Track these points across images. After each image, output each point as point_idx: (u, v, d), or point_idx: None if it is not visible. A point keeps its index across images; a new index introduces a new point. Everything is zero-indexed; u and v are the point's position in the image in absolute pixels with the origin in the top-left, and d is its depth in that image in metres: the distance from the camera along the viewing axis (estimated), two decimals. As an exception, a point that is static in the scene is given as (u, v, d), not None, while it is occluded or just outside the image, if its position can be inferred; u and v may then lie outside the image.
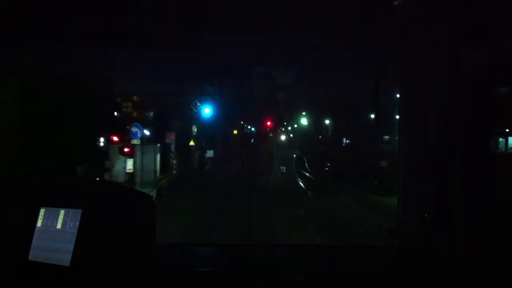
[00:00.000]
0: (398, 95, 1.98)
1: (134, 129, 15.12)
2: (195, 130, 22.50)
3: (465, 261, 1.66)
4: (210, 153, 23.49)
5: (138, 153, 15.24)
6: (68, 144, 13.45)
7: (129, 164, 15.11)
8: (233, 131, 31.39)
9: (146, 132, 16.32)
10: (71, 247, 1.27)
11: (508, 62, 1.61)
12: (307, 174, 20.24)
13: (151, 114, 17.43)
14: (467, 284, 1.64)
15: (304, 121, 28.56)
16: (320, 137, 28.85)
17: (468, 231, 1.65)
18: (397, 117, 1.99)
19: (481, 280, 1.61)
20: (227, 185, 16.29)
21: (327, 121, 27.60)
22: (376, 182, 14.82)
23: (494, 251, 1.62)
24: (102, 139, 17.96)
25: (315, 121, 27.94)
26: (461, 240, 1.67)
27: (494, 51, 1.59)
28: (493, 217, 1.64)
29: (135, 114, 15.79)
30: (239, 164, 24.48)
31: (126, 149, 15.01)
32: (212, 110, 20.98)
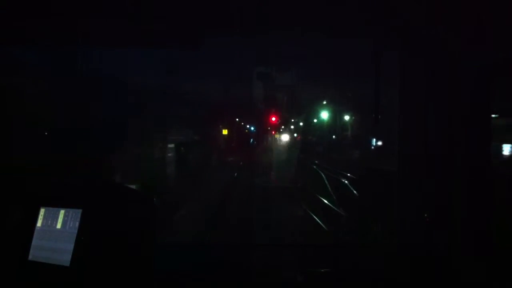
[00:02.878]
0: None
1: None
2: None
3: (465, 261, 1.66)
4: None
5: None
6: None
7: None
8: (222, 131, 22.37)
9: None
10: (71, 247, 1.27)
11: (508, 62, 1.61)
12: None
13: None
14: (467, 284, 1.64)
15: (324, 114, 21.74)
16: (333, 136, 22.12)
17: (468, 231, 1.65)
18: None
19: (481, 280, 1.61)
20: None
21: (346, 117, 21.47)
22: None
23: (494, 251, 1.63)
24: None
25: (332, 118, 21.85)
26: (461, 240, 1.68)
27: (494, 51, 1.59)
28: (493, 217, 1.64)
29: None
30: (214, 210, 7.47)
31: None
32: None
